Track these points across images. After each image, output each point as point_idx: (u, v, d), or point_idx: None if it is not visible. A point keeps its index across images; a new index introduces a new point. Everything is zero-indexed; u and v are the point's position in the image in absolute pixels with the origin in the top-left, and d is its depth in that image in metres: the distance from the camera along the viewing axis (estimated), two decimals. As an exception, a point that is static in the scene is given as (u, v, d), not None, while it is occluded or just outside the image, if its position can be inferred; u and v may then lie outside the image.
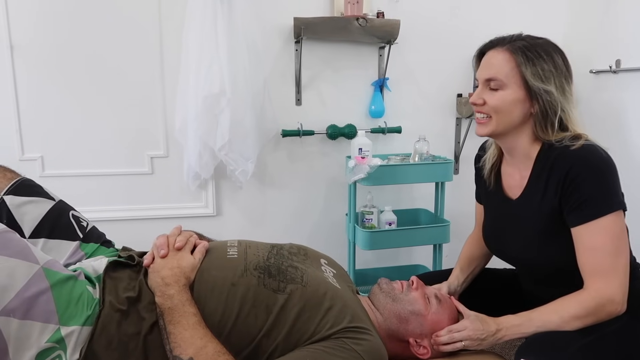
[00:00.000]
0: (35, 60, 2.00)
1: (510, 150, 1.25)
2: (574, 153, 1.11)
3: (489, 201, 1.38)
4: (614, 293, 1.08)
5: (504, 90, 1.16)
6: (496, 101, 1.17)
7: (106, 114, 2.09)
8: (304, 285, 1.09)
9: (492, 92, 1.18)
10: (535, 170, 1.20)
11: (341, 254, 2.25)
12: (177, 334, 0.99)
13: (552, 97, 1.13)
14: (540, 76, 1.13)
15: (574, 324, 1.11)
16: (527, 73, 1.13)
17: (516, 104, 1.16)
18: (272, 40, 2.16)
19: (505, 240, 1.30)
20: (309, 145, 2.29)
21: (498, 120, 1.18)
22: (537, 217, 1.19)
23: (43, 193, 1.25)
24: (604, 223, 1.09)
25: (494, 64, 1.17)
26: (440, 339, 1.17)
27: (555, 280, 1.21)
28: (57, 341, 0.94)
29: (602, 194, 1.10)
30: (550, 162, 1.15)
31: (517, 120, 1.18)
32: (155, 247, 1.14)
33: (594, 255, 1.10)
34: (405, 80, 2.33)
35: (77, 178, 2.11)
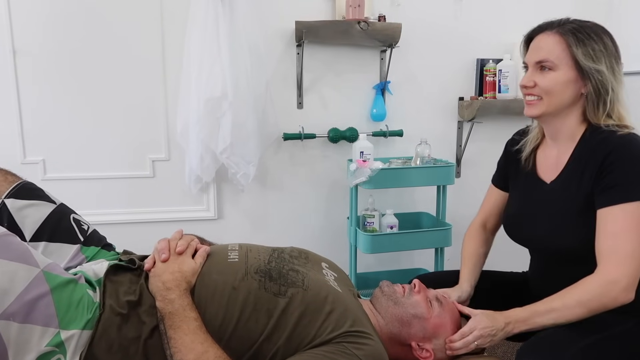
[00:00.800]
0: (37, 64, 2.01)
1: (555, 132, 1.25)
2: (617, 138, 1.12)
3: (519, 185, 1.36)
4: (620, 276, 1.07)
5: (555, 72, 1.17)
6: (548, 82, 1.18)
7: (108, 118, 2.09)
8: (305, 289, 1.08)
9: (542, 74, 1.19)
10: (576, 152, 1.20)
11: (342, 257, 2.25)
12: (177, 338, 0.99)
13: (603, 77, 1.15)
14: (591, 56, 1.14)
15: (577, 310, 1.10)
16: (579, 53, 1.14)
17: (568, 84, 1.17)
18: (274, 43, 2.17)
19: (534, 226, 1.28)
20: (310, 148, 2.29)
21: (549, 101, 1.19)
22: (572, 200, 1.18)
23: (44, 196, 1.25)
24: (631, 209, 1.09)
25: (544, 47, 1.19)
26: (455, 345, 1.16)
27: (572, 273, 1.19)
28: (57, 345, 0.93)
29: (634, 180, 1.10)
30: (593, 144, 1.16)
31: (568, 101, 1.19)
32: (157, 251, 1.13)
33: (613, 239, 1.10)
34: (406, 83, 2.33)
35: (78, 181, 2.11)
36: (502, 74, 2.25)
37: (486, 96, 2.31)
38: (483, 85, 2.32)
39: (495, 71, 2.27)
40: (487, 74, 2.29)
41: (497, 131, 2.40)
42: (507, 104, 2.24)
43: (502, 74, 2.25)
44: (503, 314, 1.16)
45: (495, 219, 1.47)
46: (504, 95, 2.26)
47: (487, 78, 2.30)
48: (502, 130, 2.40)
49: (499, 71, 2.26)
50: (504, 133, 2.53)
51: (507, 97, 2.25)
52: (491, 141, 2.41)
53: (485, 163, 2.42)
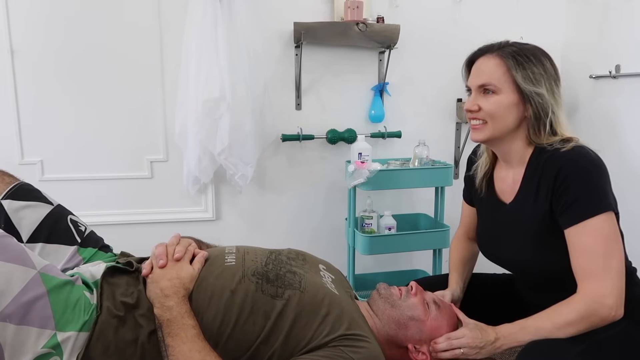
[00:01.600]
0: (35, 65, 2.00)
1: (505, 155, 1.26)
2: (563, 155, 1.12)
3: (481, 207, 1.39)
4: (605, 295, 1.07)
5: (498, 95, 1.17)
6: (491, 106, 1.18)
7: (106, 118, 2.09)
8: (302, 291, 1.08)
9: (486, 97, 1.19)
10: (527, 174, 1.21)
11: (341, 258, 2.25)
12: (175, 346, 0.99)
13: (543, 99, 1.15)
14: (531, 79, 1.15)
15: (567, 330, 1.10)
16: (518, 77, 1.15)
17: (510, 108, 1.17)
18: (272, 44, 2.17)
19: (499, 245, 1.30)
20: (308, 149, 2.29)
21: (494, 125, 1.19)
22: (531, 221, 1.19)
23: (41, 197, 1.25)
24: (593, 224, 1.09)
25: (486, 70, 1.19)
26: (439, 346, 1.17)
27: (551, 286, 1.21)
28: (53, 347, 0.93)
29: (590, 194, 1.10)
30: (541, 165, 1.16)
31: (512, 124, 1.19)
32: (154, 257, 1.13)
33: (585, 256, 1.10)
34: (405, 85, 2.33)
35: (76, 182, 2.11)
36: (500, 76, 2.25)
37: (484, 98, 2.30)
38: (481, 87, 2.32)
39: (494, 73, 2.27)
40: (486, 76, 2.29)
41: (495, 133, 2.40)
42: (505, 105, 2.24)
43: (500, 75, 2.25)
44: (494, 329, 1.16)
45: (475, 230, 1.48)
46: (502, 96, 2.26)
47: (485, 80, 2.29)
48: (500, 131, 2.42)
49: (497, 73, 2.25)
50: (502, 135, 2.52)
51: (505, 99, 2.25)
52: (489, 143, 2.41)
53: (483, 164, 2.42)
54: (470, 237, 1.50)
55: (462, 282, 1.42)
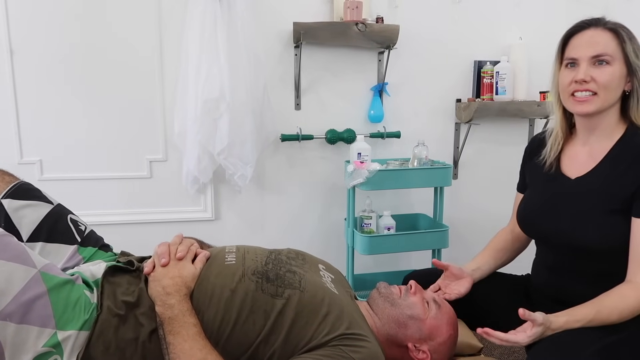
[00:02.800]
0: (34, 64, 2.00)
1: (592, 129, 1.24)
2: None
3: (538, 181, 1.35)
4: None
5: (612, 66, 1.17)
6: (606, 76, 1.17)
7: (105, 118, 2.09)
8: (302, 290, 1.08)
9: (599, 68, 1.17)
10: (614, 150, 1.20)
11: (340, 258, 2.25)
12: (176, 344, 0.99)
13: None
14: (636, 54, 1.16)
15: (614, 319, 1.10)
16: (629, 50, 1.16)
17: (621, 80, 1.18)
18: (272, 45, 2.17)
19: (556, 220, 1.26)
20: (308, 149, 2.29)
21: (605, 96, 1.18)
22: (603, 197, 1.17)
23: (41, 197, 1.25)
24: None
25: (599, 41, 1.18)
26: None
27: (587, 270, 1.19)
28: (53, 345, 0.93)
29: None
30: (635, 146, 1.16)
31: (618, 96, 1.19)
32: (157, 255, 1.13)
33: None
34: (404, 85, 2.33)
35: (75, 182, 2.11)
36: (499, 76, 2.26)
37: (483, 98, 2.31)
38: (480, 87, 2.33)
39: (493, 73, 2.28)
40: (485, 76, 2.30)
41: (495, 133, 2.41)
42: (505, 105, 2.25)
43: (500, 75, 2.25)
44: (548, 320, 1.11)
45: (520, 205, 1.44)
46: (501, 97, 2.26)
47: (484, 80, 2.30)
48: (499, 131, 2.43)
49: (496, 73, 2.26)
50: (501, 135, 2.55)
51: (505, 99, 2.26)
52: (488, 143, 2.42)
53: (482, 165, 2.43)
54: (516, 234, 1.46)
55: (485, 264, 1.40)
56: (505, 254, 1.46)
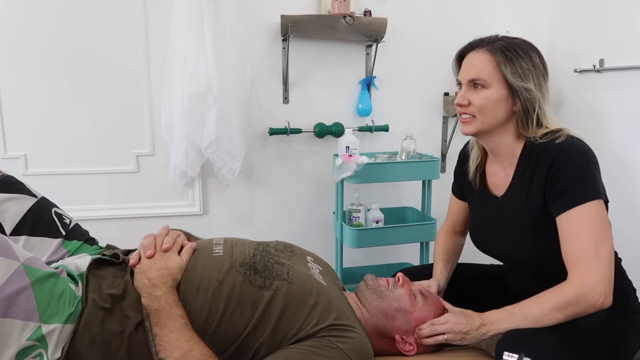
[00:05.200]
0: (18, 58, 1.97)
1: (495, 149, 1.28)
2: (557, 145, 1.15)
3: (474, 201, 1.40)
4: (595, 282, 1.08)
5: (487, 90, 1.19)
6: (481, 100, 1.20)
7: (91, 112, 2.07)
8: (290, 282, 1.08)
9: (476, 92, 1.21)
10: (519, 167, 1.22)
11: (329, 252, 2.25)
12: (163, 336, 0.98)
13: (531, 94, 1.17)
14: (519, 74, 1.17)
15: (554, 315, 1.11)
16: (508, 72, 1.17)
17: (499, 102, 1.19)
18: (260, 38, 2.16)
19: (493, 237, 1.31)
20: (296, 143, 2.29)
21: (483, 119, 1.21)
22: (524, 213, 1.21)
23: (25, 190, 1.23)
24: (585, 210, 1.11)
25: (476, 65, 1.21)
26: (422, 332, 1.17)
27: (542, 277, 1.22)
28: (38, 339, 0.92)
29: (583, 182, 1.12)
30: (535, 156, 1.18)
31: (501, 118, 1.21)
32: (142, 247, 1.12)
33: (576, 242, 1.11)
34: (392, 78, 2.33)
35: (61, 176, 2.08)
36: (486, 70, 2.26)
37: (471, 91, 2.32)
38: (468, 81, 2.34)
39: (480, 67, 2.28)
40: (472, 70, 2.30)
41: (482, 126, 2.42)
42: (492, 99, 2.26)
43: (487, 69, 2.26)
44: (480, 315, 1.17)
45: (461, 224, 1.50)
46: (489, 90, 2.27)
47: (471, 73, 2.31)
48: (486, 125, 2.44)
49: (484, 67, 2.27)
50: (489, 128, 2.53)
51: (492, 93, 2.27)
52: (476, 136, 2.43)
53: (470, 158, 2.44)
54: (457, 231, 1.52)
55: (447, 272, 1.43)
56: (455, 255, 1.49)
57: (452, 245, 1.49)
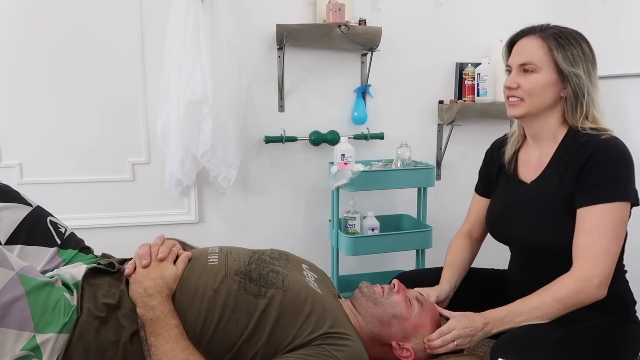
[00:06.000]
0: (13, 66, 1.97)
1: (536, 133, 1.30)
2: (601, 142, 1.17)
3: (502, 185, 1.40)
4: (595, 274, 1.11)
5: (537, 74, 1.22)
6: (530, 84, 1.22)
7: (86, 120, 2.07)
8: (285, 290, 1.08)
9: (525, 76, 1.23)
10: (558, 152, 1.24)
11: (324, 260, 2.25)
12: (158, 346, 0.98)
13: (580, 81, 1.20)
14: (570, 60, 1.20)
15: (555, 307, 1.13)
16: (559, 57, 1.20)
17: (548, 86, 1.22)
18: (255, 46, 2.17)
19: (515, 224, 1.31)
20: (292, 151, 2.30)
21: (531, 102, 1.23)
22: (552, 199, 1.22)
23: (20, 199, 1.23)
24: (609, 208, 1.13)
25: (528, 50, 1.24)
26: (433, 343, 1.17)
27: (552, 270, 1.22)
28: (32, 349, 0.92)
29: (615, 182, 1.14)
30: (576, 145, 1.20)
31: (549, 102, 1.23)
32: (138, 257, 1.12)
33: (591, 237, 1.13)
34: (387, 87, 2.35)
35: (56, 185, 2.08)
36: (480, 78, 2.28)
37: (465, 99, 2.34)
38: (462, 89, 2.36)
39: (474, 75, 2.30)
40: (466, 78, 2.32)
41: (476, 134, 2.44)
42: (486, 107, 2.28)
43: (481, 77, 2.28)
44: (481, 315, 1.18)
45: (480, 227, 1.49)
46: (483, 98, 2.29)
47: (466, 82, 2.33)
48: (481, 132, 2.45)
49: (478, 75, 2.29)
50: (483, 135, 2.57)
51: (486, 100, 2.29)
52: (471, 144, 2.44)
53: (465, 165, 2.45)
54: (474, 235, 1.50)
55: (455, 281, 1.41)
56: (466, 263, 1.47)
57: (465, 252, 1.47)
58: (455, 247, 1.49)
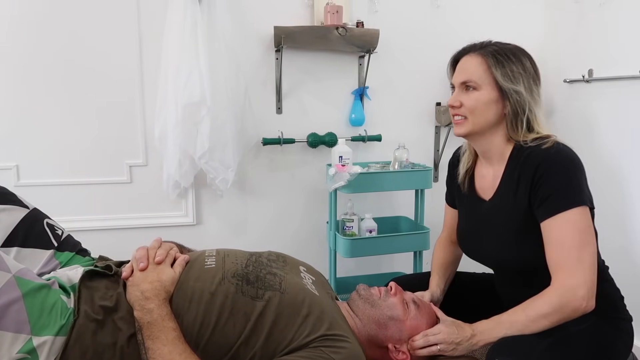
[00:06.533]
0: (10, 67, 1.97)
1: (485, 151, 1.30)
2: (544, 151, 1.16)
3: (462, 204, 1.42)
4: (577, 286, 1.10)
5: (478, 91, 1.22)
6: (472, 102, 1.23)
7: (84, 122, 2.06)
8: (282, 292, 1.08)
9: (467, 93, 1.24)
10: (507, 170, 1.24)
11: (322, 262, 2.25)
12: (155, 349, 0.98)
13: (521, 97, 1.20)
14: (510, 77, 1.19)
15: (541, 322, 1.12)
16: (498, 74, 1.20)
17: (490, 104, 1.22)
18: (253, 48, 2.17)
19: (480, 242, 1.32)
20: (289, 153, 2.30)
21: (474, 120, 1.24)
22: (510, 216, 1.22)
23: (16, 201, 1.23)
24: (569, 216, 1.12)
25: (468, 67, 1.24)
26: (416, 343, 1.18)
27: (529, 282, 1.23)
28: (29, 352, 0.91)
29: (568, 188, 1.13)
30: (521, 160, 1.20)
31: (492, 120, 1.23)
32: (135, 260, 1.12)
33: (559, 248, 1.13)
34: (384, 89, 2.35)
35: (54, 187, 2.07)
36: (477, 80, 2.28)
37: (462, 101, 2.34)
38: (459, 91, 2.36)
39: (471, 77, 2.30)
40: (464, 80, 2.33)
41: (474, 136, 2.44)
42: (483, 109, 2.28)
43: (478, 79, 2.28)
44: (470, 325, 1.19)
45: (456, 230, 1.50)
46: (480, 100, 2.29)
47: (463, 84, 2.33)
48: (478, 135, 2.46)
49: (475, 77, 2.29)
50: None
51: (483, 103, 2.29)
52: (468, 146, 2.44)
53: (462, 167, 2.46)
54: (454, 240, 1.52)
55: (443, 284, 1.44)
56: (452, 266, 1.50)
57: (449, 255, 1.50)
58: (439, 252, 1.51)
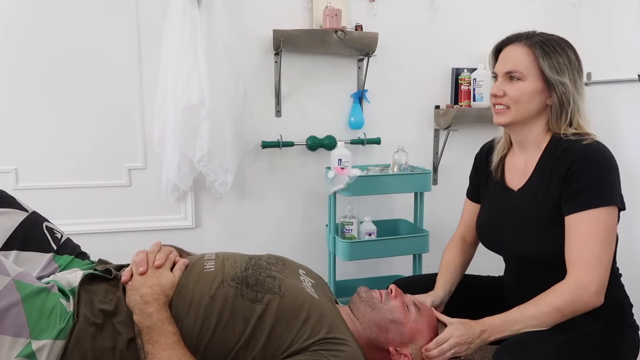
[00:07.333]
0: (10, 72, 1.97)
1: (522, 141, 1.30)
2: (583, 146, 1.17)
3: (489, 192, 1.40)
4: (591, 282, 1.11)
5: (523, 82, 1.22)
6: (516, 92, 1.22)
7: (83, 125, 2.06)
8: (282, 295, 1.08)
9: (511, 83, 1.23)
10: (542, 160, 1.24)
11: (321, 265, 2.25)
12: (155, 353, 0.98)
13: (566, 89, 1.19)
14: (556, 69, 1.19)
15: (554, 316, 1.13)
16: (545, 66, 1.19)
17: (534, 95, 1.21)
18: (252, 51, 2.17)
19: (502, 232, 1.31)
20: (288, 156, 2.30)
21: (516, 110, 1.23)
22: (539, 206, 1.22)
23: (15, 204, 1.22)
24: (597, 214, 1.13)
25: (514, 57, 1.23)
26: (431, 353, 1.17)
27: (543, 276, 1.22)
28: (28, 355, 0.91)
29: (601, 186, 1.14)
30: (558, 152, 1.20)
31: (534, 110, 1.23)
32: (134, 264, 1.12)
33: (582, 244, 1.13)
34: (383, 92, 2.35)
35: (52, 190, 2.07)
36: (476, 83, 2.29)
37: (461, 104, 2.35)
38: (458, 94, 2.36)
39: (470, 80, 2.31)
40: (462, 83, 2.33)
41: (473, 138, 2.43)
42: (482, 112, 2.28)
43: (477, 82, 2.29)
44: (478, 322, 1.18)
45: (473, 232, 1.49)
46: (479, 103, 2.30)
47: (462, 87, 2.34)
48: (477, 137, 2.44)
49: (474, 80, 2.30)
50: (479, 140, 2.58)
51: (482, 106, 2.30)
52: (467, 148, 2.43)
53: (461, 170, 2.44)
54: (468, 239, 1.50)
55: (449, 285, 1.42)
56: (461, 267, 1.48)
57: (458, 256, 1.48)
58: (449, 252, 1.50)
